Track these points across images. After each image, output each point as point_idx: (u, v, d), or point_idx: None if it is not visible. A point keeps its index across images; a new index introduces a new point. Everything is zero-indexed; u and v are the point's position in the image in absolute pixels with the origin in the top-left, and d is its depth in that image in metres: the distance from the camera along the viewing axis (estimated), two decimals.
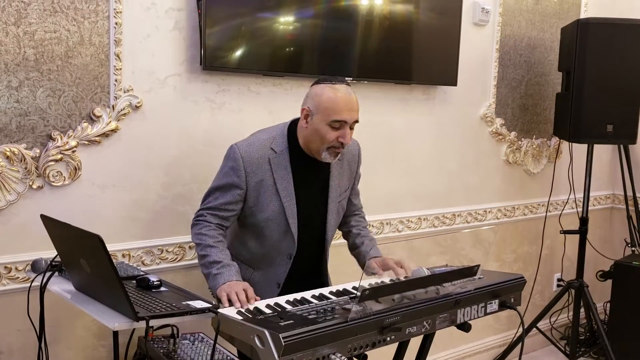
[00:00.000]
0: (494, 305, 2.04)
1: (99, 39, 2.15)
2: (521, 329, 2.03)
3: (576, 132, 3.25)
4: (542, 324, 3.65)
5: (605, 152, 4.20)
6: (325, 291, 1.95)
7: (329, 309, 1.73)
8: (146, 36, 2.25)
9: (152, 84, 2.28)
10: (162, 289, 1.88)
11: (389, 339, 1.73)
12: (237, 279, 1.94)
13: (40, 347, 1.90)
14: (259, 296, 1.88)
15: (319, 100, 2.01)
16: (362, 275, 1.81)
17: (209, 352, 1.88)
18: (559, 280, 3.94)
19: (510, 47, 3.47)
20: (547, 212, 3.78)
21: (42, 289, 1.84)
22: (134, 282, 1.91)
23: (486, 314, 2.03)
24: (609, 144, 4.02)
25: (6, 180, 2.03)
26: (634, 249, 3.85)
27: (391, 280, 2.06)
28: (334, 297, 1.89)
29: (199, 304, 1.73)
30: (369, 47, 2.75)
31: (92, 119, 2.17)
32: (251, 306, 1.79)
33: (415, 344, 2.09)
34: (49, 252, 1.97)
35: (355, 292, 1.93)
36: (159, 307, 1.68)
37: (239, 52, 2.39)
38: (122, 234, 2.27)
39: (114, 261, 1.78)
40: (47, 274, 1.86)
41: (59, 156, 2.11)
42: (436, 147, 3.23)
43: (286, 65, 2.54)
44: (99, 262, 1.60)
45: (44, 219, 1.83)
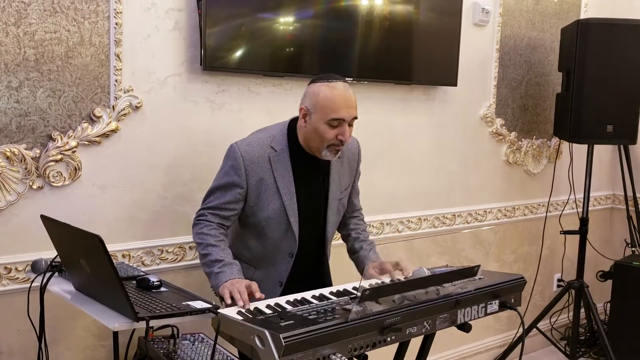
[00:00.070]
0: (494, 305, 2.04)
1: (99, 39, 2.15)
2: (521, 330, 2.03)
3: (576, 132, 3.25)
4: (542, 325, 3.65)
5: (605, 152, 4.20)
6: (325, 291, 1.95)
7: (330, 310, 1.73)
8: (146, 36, 2.25)
9: (152, 84, 2.28)
10: (162, 289, 1.87)
11: (389, 339, 1.72)
12: (239, 277, 1.94)
13: (40, 347, 1.90)
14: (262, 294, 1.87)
15: (316, 99, 2.01)
16: (361, 279, 1.81)
17: (209, 353, 1.88)
18: (559, 280, 3.94)
19: (510, 47, 3.47)
20: (547, 212, 3.78)
21: (42, 289, 1.84)
22: (134, 282, 1.90)
23: (486, 315, 2.03)
24: (609, 144, 4.02)
25: (6, 180, 2.03)
26: (634, 249, 3.85)
27: (391, 280, 2.06)
28: (334, 298, 1.89)
29: (199, 305, 1.72)
30: (369, 48, 2.75)
31: (92, 119, 2.17)
32: (251, 306, 1.79)
33: (415, 344, 2.09)
34: (49, 253, 1.97)
35: (355, 292, 1.93)
36: (159, 308, 1.68)
37: (239, 53, 2.39)
38: (122, 234, 2.27)
39: (114, 261, 1.78)
40: (47, 275, 1.86)
41: (59, 156, 2.11)
42: (436, 147, 3.23)
43: (286, 65, 2.54)
44: (99, 263, 1.60)
45: (44, 219, 1.83)
